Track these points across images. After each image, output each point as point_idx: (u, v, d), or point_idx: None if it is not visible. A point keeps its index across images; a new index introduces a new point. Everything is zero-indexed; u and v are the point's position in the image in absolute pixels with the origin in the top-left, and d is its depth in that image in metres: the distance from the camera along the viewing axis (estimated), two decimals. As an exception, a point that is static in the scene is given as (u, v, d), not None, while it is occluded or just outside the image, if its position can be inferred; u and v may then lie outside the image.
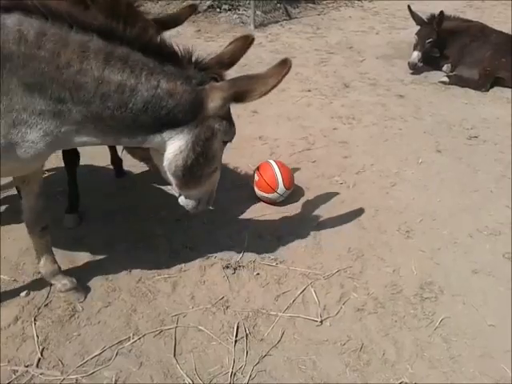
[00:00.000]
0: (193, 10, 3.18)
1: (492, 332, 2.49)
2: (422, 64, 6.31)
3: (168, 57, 2.00)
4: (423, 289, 2.76)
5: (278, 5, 9.54)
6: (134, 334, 2.40)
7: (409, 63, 6.31)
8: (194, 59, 2.05)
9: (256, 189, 3.47)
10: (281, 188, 3.37)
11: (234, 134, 2.25)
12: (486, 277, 2.87)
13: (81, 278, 2.70)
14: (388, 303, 2.66)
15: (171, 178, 2.26)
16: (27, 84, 1.78)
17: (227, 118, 2.17)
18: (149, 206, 3.34)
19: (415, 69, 6.33)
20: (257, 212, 3.38)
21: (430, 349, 2.40)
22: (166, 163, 2.16)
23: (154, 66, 1.95)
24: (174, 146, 2.10)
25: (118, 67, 1.88)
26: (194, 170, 2.18)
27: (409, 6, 6.47)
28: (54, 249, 2.90)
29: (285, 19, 9.18)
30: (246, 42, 2.28)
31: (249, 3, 8.64)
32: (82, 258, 2.86)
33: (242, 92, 2.02)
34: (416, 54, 6.27)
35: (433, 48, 6.31)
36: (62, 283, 2.57)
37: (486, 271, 2.90)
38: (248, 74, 2.10)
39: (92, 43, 1.83)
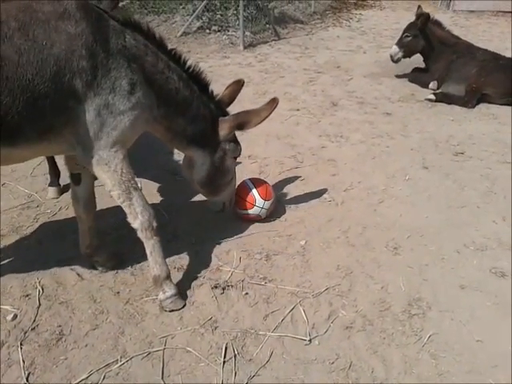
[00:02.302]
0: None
1: (480, 347, 2.50)
2: (400, 56, 6.77)
3: (204, 87, 2.72)
4: (411, 305, 2.77)
5: (267, 25, 9.71)
6: (121, 357, 2.38)
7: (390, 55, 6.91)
8: (214, 95, 2.80)
9: (237, 210, 3.46)
10: (258, 200, 3.37)
11: (241, 151, 3.04)
12: (474, 292, 2.88)
13: (68, 300, 2.69)
14: (376, 320, 2.66)
15: (197, 186, 2.97)
16: (146, 79, 2.36)
17: (234, 140, 2.95)
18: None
19: (394, 61, 6.88)
20: (245, 231, 3.39)
21: (418, 365, 2.39)
22: (193, 173, 2.91)
23: (199, 92, 2.67)
24: (199, 161, 2.84)
25: (185, 85, 2.57)
26: (214, 180, 2.94)
27: (419, 6, 6.89)
28: (41, 271, 2.90)
29: (274, 39, 9.34)
30: (239, 85, 3.00)
31: (238, 24, 8.78)
32: (69, 280, 2.85)
33: (242, 123, 2.82)
34: (393, 48, 6.85)
35: (411, 43, 6.64)
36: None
37: (473, 287, 2.92)
38: (246, 110, 2.89)
39: (170, 63, 2.51)
